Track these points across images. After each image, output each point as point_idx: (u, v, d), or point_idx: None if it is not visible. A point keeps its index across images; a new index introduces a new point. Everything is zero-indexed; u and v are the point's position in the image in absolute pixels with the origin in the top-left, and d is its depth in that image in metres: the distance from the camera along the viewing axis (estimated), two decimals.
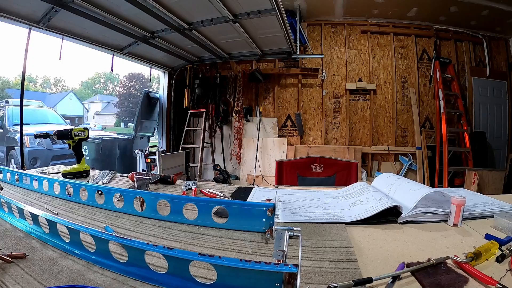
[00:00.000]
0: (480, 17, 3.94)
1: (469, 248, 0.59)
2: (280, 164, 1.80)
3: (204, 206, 0.75)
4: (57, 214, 0.81)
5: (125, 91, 26.52)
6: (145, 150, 4.38)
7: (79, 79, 46.72)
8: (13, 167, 3.92)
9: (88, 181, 1.20)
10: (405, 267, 0.52)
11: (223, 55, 4.15)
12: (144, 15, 2.65)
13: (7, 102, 6.16)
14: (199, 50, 3.97)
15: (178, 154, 4.60)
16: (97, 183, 1.17)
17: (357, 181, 1.08)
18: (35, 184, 1.06)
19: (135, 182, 1.05)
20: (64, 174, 1.29)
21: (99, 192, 0.92)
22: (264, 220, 0.69)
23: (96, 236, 0.53)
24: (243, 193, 1.05)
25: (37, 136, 1.37)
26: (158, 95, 5.04)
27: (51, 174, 1.30)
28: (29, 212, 0.65)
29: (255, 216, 0.70)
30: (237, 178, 4.73)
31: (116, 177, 1.34)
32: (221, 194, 1.04)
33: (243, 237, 0.68)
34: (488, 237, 0.65)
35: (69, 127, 2.33)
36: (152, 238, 0.67)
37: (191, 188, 1.12)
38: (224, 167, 4.70)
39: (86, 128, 1.41)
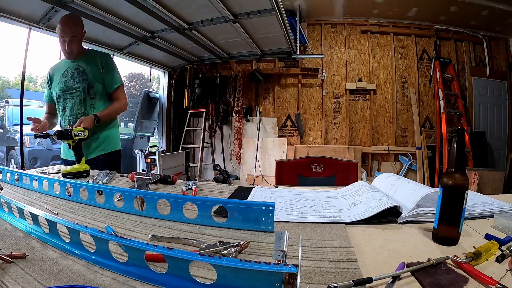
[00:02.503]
0: (480, 17, 3.94)
1: (469, 248, 0.59)
2: (280, 164, 1.80)
3: (204, 205, 0.75)
4: (57, 214, 0.81)
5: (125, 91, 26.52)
6: (145, 150, 4.37)
7: None
8: (13, 167, 3.92)
9: (88, 181, 1.20)
10: (405, 267, 0.52)
11: (223, 55, 4.15)
12: (144, 15, 2.65)
13: (7, 102, 6.16)
14: (199, 50, 3.97)
15: (178, 154, 4.60)
16: (97, 183, 1.17)
17: (357, 181, 1.07)
18: (35, 184, 1.06)
19: (135, 182, 1.05)
20: (64, 174, 1.29)
21: (99, 192, 0.91)
22: (264, 219, 0.69)
23: (96, 236, 0.53)
24: (243, 193, 1.05)
25: (37, 136, 1.38)
26: (158, 95, 5.03)
27: (51, 174, 1.30)
28: (29, 212, 0.65)
29: (255, 215, 0.70)
30: (237, 178, 4.73)
31: (116, 177, 1.34)
32: None
33: (243, 237, 0.68)
34: (488, 237, 0.65)
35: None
36: None
37: (191, 188, 1.11)
38: (224, 167, 4.70)
39: (86, 128, 1.41)
